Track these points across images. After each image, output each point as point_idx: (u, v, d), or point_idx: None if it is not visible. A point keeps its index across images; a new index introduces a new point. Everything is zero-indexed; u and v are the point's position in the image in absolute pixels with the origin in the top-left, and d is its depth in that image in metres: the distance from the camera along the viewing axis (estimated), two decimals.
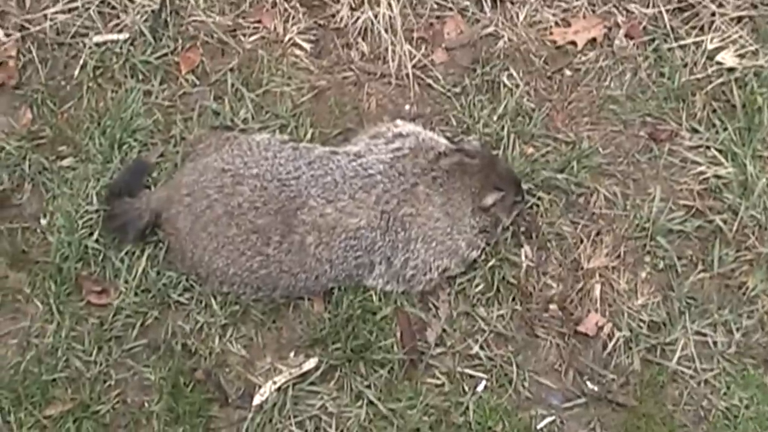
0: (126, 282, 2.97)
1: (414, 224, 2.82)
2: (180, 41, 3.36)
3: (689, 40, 3.35)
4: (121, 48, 3.33)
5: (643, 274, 3.00)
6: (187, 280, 2.93)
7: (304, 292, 2.88)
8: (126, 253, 2.97)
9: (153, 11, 3.34)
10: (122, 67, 3.32)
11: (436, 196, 2.82)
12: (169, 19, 3.37)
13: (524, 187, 3.07)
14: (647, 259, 3.02)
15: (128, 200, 2.96)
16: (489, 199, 2.84)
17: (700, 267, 3.05)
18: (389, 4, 3.30)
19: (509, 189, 2.91)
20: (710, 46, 3.33)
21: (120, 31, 3.37)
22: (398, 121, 3.06)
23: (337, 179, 2.82)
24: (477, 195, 2.87)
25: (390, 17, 3.31)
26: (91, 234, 3.03)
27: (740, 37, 3.35)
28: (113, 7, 3.40)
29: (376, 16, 3.33)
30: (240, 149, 2.89)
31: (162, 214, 2.90)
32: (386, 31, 3.32)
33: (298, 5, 3.36)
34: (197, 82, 3.27)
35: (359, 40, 3.36)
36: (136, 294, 2.96)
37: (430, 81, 3.29)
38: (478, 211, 2.86)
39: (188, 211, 2.82)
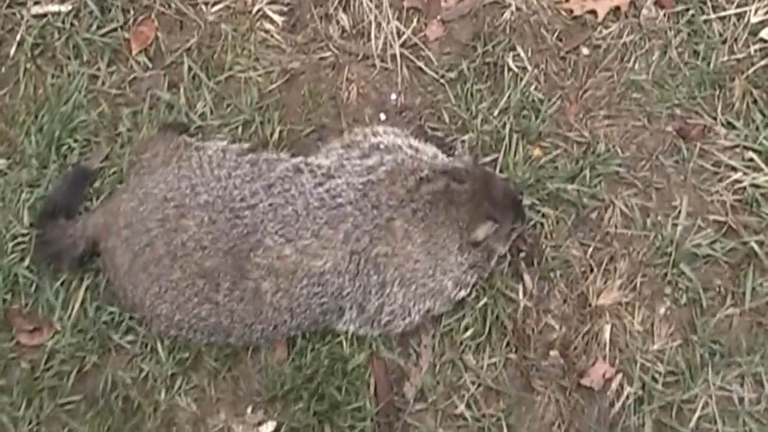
0: (61, 319, 2.50)
1: (390, 265, 2.33)
2: (132, 13, 2.76)
3: (730, 11, 2.71)
4: (63, 22, 2.71)
5: (662, 310, 2.46)
6: (130, 318, 2.42)
7: (263, 341, 2.43)
8: (62, 284, 2.48)
9: None
10: (65, 45, 2.72)
11: (415, 232, 2.33)
12: None
13: (527, 203, 2.45)
14: (668, 290, 2.50)
15: (62, 224, 2.51)
16: (480, 233, 2.34)
17: (729, 300, 2.54)
18: None
19: (506, 216, 2.41)
20: (754, 19, 2.73)
21: (62, 1, 2.63)
22: (378, 128, 2.51)
23: (299, 211, 2.31)
24: (465, 229, 2.36)
25: None
26: (23, 259, 2.45)
27: None
28: None
29: None
30: (188, 168, 2.39)
31: (99, 243, 2.40)
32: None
33: None
34: (150, 65, 2.71)
35: (340, 11, 2.61)
36: (72, 334, 2.49)
37: (421, 64, 2.68)
38: (467, 247, 2.35)
39: (126, 247, 2.35)
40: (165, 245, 2.30)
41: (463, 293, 2.45)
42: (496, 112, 2.67)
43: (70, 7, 2.79)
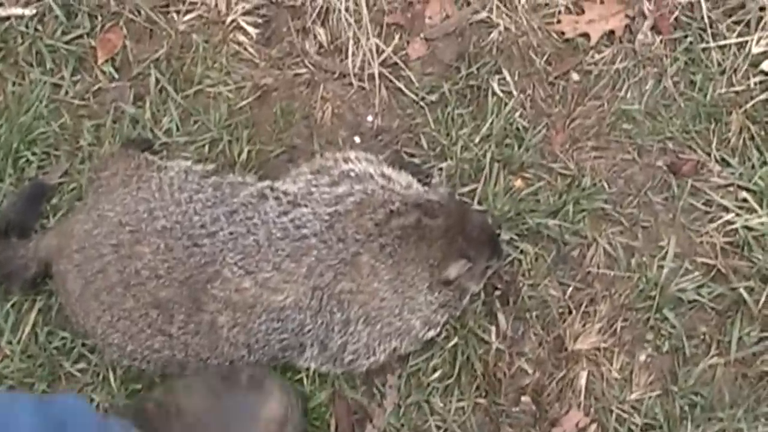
0: (10, 343, 2.38)
1: (354, 303, 2.19)
2: (99, 19, 2.61)
3: (730, 40, 2.55)
4: (27, 26, 2.56)
5: (642, 358, 2.32)
6: (83, 345, 2.29)
7: None
8: (12, 306, 2.35)
9: None
10: (27, 52, 2.58)
11: (383, 269, 2.17)
12: None
13: (505, 237, 2.30)
14: (649, 337, 2.35)
15: (14, 244, 2.37)
16: (452, 272, 2.20)
17: (713, 349, 2.38)
18: None
19: (480, 253, 2.26)
20: (755, 50, 2.56)
21: (26, 5, 2.49)
22: (350, 154, 2.36)
23: (260, 241, 2.16)
24: (437, 267, 2.20)
25: None
26: None
27: None
28: None
29: None
30: (147, 190, 2.25)
31: (52, 265, 2.27)
32: (348, 12, 2.41)
33: None
34: (116, 75, 2.55)
35: (318, 25, 2.46)
36: (21, 360, 2.38)
37: (400, 84, 2.53)
38: (437, 285, 2.20)
39: (78, 272, 2.21)
40: (118, 273, 2.16)
41: (432, 333, 2.30)
42: (477, 139, 2.52)
43: (34, 11, 2.65)
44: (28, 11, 2.65)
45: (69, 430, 1.69)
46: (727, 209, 2.49)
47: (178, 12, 2.66)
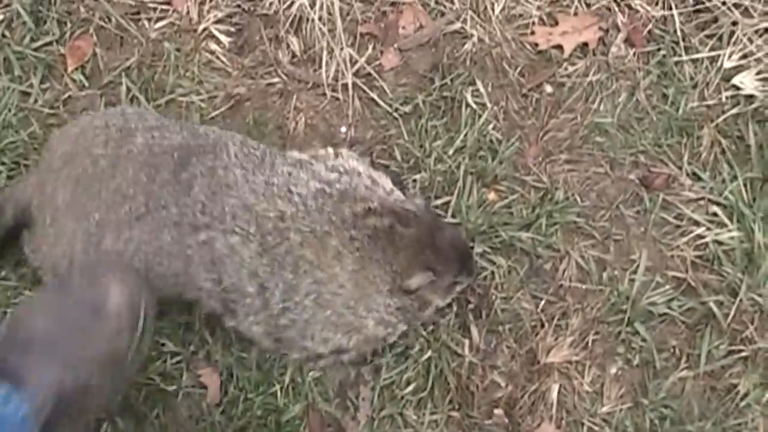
0: None
1: (309, 275, 2.17)
2: (69, 26, 2.56)
3: (703, 54, 2.55)
4: None
5: (614, 371, 2.33)
6: None
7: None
8: None
9: None
10: None
11: (348, 258, 2.17)
12: None
13: (478, 250, 2.33)
14: (620, 350, 2.37)
15: None
16: (413, 282, 2.20)
17: (683, 363, 2.38)
18: None
19: (447, 269, 2.25)
20: (727, 64, 2.55)
21: None
22: (343, 150, 2.39)
23: (266, 157, 2.24)
24: (400, 274, 2.20)
25: (329, 4, 2.39)
26: None
27: (766, 55, 2.43)
28: None
29: (312, 4, 2.39)
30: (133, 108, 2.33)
31: (32, 204, 2.23)
32: (321, 21, 2.39)
33: None
34: (86, 84, 2.48)
35: (291, 34, 2.43)
36: None
37: (374, 95, 2.52)
38: (398, 292, 2.21)
39: (67, 181, 2.18)
40: (110, 159, 2.16)
41: (385, 333, 2.28)
42: (451, 151, 2.51)
43: (1, 17, 2.60)
44: None
45: None
46: (697, 223, 2.51)
47: (149, 19, 2.62)
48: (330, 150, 2.39)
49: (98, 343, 1.92)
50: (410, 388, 2.38)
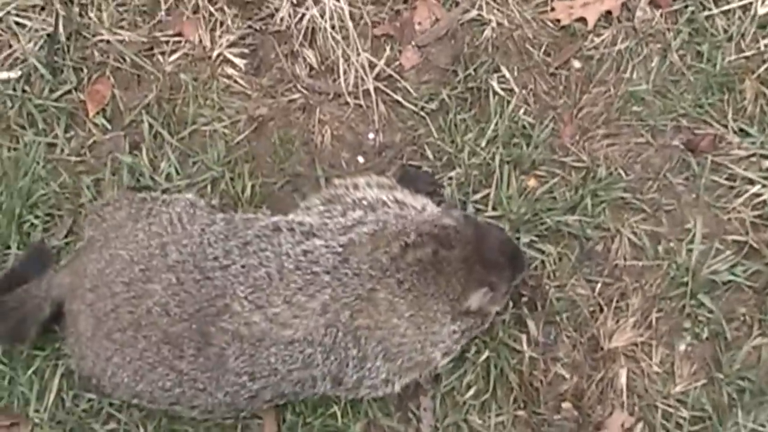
0: (38, 411, 2.34)
1: (372, 339, 2.11)
2: (85, 71, 2.50)
3: (734, 4, 2.48)
4: (14, 89, 2.46)
5: (682, 348, 2.23)
6: (110, 405, 2.24)
7: (233, 411, 2.20)
8: (35, 373, 2.27)
9: (48, 35, 2.41)
10: (18, 114, 2.49)
11: (402, 304, 2.09)
12: (68, 42, 2.40)
13: (525, 240, 2.27)
14: (687, 325, 2.26)
15: (25, 288, 2.29)
16: (474, 302, 2.13)
17: (756, 330, 2.26)
18: None
19: (502, 277, 2.17)
20: (761, 11, 2.49)
21: (11, 67, 2.43)
22: (359, 180, 2.31)
23: (272, 274, 2.09)
24: (457, 299, 2.12)
25: (339, 11, 2.31)
26: None
27: None
28: None
29: (322, 14, 2.31)
30: (159, 225, 2.21)
31: (64, 304, 2.23)
32: (335, 29, 2.32)
33: (225, 6, 2.45)
34: (109, 127, 2.46)
35: (305, 47, 2.36)
36: (51, 426, 2.34)
37: (398, 96, 2.44)
38: (459, 316, 2.13)
39: (90, 312, 2.16)
40: (130, 312, 2.12)
41: (448, 359, 2.22)
42: (483, 143, 2.42)
43: (19, 73, 2.58)
44: (14, 74, 2.58)
45: None
46: (752, 182, 2.39)
47: (163, 53, 2.58)
48: (347, 182, 2.32)
49: None
50: (471, 392, 2.30)
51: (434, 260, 2.10)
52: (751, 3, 2.48)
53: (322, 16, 2.51)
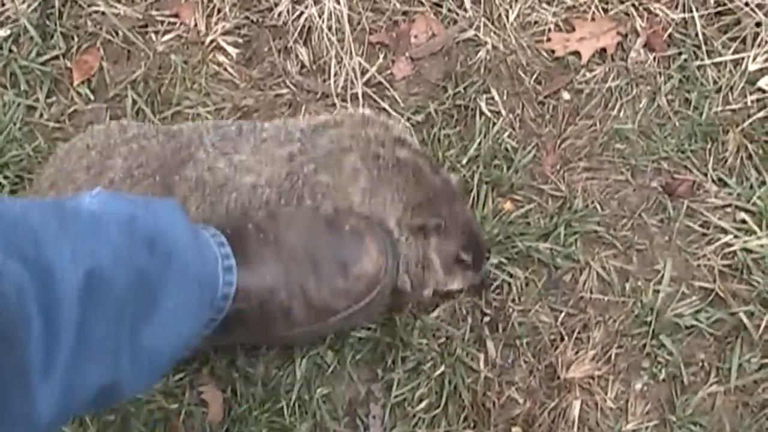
0: None
1: (326, 198, 2.05)
2: (76, 40, 2.46)
3: (726, 57, 2.41)
4: (1, 47, 2.38)
5: (639, 386, 2.16)
6: None
7: None
8: None
9: None
10: (2, 73, 2.44)
11: (365, 176, 2.06)
12: (62, 8, 2.35)
13: (494, 261, 2.20)
14: (645, 364, 2.20)
15: None
16: (419, 222, 2.08)
17: (713, 377, 2.23)
18: None
19: (456, 234, 2.14)
20: (752, 67, 2.43)
21: (1, 25, 2.41)
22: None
23: (244, 126, 2.12)
24: (410, 210, 2.09)
25: (338, 14, 2.28)
26: None
27: None
28: None
29: (320, 14, 2.28)
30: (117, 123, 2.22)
31: None
32: (331, 31, 2.29)
33: None
34: (92, 97, 2.40)
35: (300, 44, 2.33)
36: None
37: (385, 105, 2.38)
38: (404, 227, 2.09)
39: None
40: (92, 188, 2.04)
41: None
42: (464, 160, 2.39)
43: (8, 32, 2.53)
44: (2, 32, 2.55)
45: (158, 248, 1.59)
46: (725, 231, 2.36)
47: (156, 32, 2.55)
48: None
49: (324, 290, 1.93)
50: (423, 405, 2.24)
51: (416, 169, 2.10)
52: (742, 59, 2.48)
53: (320, 16, 2.49)
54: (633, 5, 2.55)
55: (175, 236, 1.68)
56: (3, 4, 2.56)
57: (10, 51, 2.54)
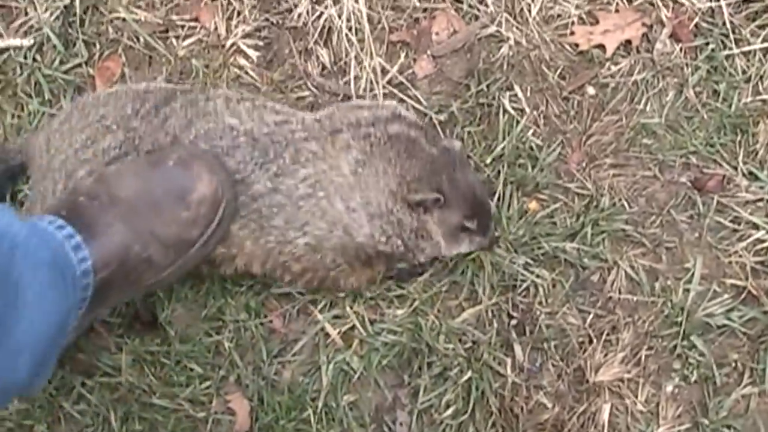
0: None
1: (311, 164, 2.03)
2: (97, 47, 2.46)
3: (755, 45, 2.35)
4: (25, 57, 2.40)
5: (670, 388, 2.11)
6: (83, 384, 2.07)
7: None
8: None
9: (65, 6, 2.36)
10: (26, 82, 2.44)
11: (356, 149, 2.03)
12: (84, 16, 2.32)
13: (520, 261, 2.19)
14: (676, 366, 2.15)
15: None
16: (417, 195, 2.03)
17: (746, 378, 2.16)
18: None
19: (459, 204, 2.08)
20: None
21: (25, 35, 2.35)
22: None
23: (255, 97, 2.22)
24: (407, 183, 2.04)
25: (357, 14, 2.22)
26: None
27: None
28: (16, 0, 2.54)
29: (340, 14, 2.22)
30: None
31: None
32: (351, 31, 2.23)
33: None
34: None
35: (320, 45, 2.28)
36: (19, 400, 2.26)
37: (408, 104, 2.26)
38: (400, 200, 2.04)
39: (64, 110, 2.29)
40: (107, 92, 2.25)
41: (374, 241, 2.07)
42: (488, 160, 2.33)
43: (32, 42, 2.50)
44: (26, 42, 2.51)
45: (1, 247, 1.62)
46: (756, 226, 2.30)
47: (177, 37, 2.50)
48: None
49: (172, 226, 1.93)
50: (450, 411, 2.22)
51: (411, 142, 2.06)
52: None
53: (339, 17, 2.43)
54: None
55: (13, 233, 1.68)
56: (26, 14, 2.53)
57: (34, 60, 2.51)
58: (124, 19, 2.52)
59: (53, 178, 2.13)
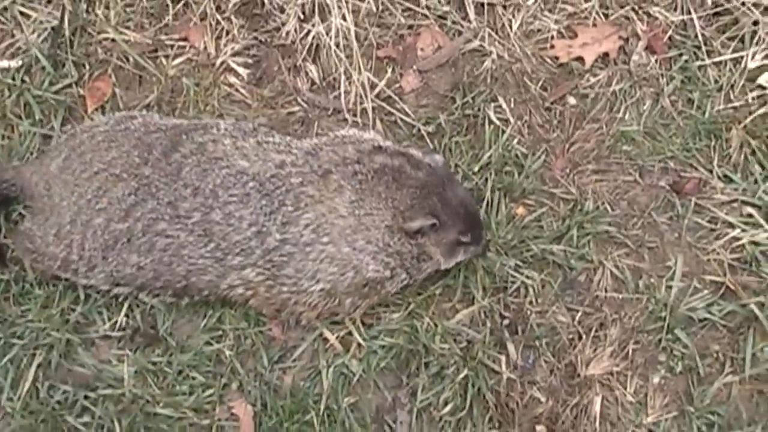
0: (11, 400, 2.46)
1: (310, 208, 2.31)
2: (87, 67, 2.67)
3: (726, 56, 2.65)
4: (13, 78, 2.60)
5: (656, 380, 2.40)
6: (85, 398, 2.33)
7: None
8: (11, 362, 2.41)
9: (53, 28, 2.56)
10: (15, 104, 2.64)
11: (349, 189, 2.30)
12: (72, 37, 2.57)
13: (510, 264, 2.44)
14: (662, 358, 2.44)
15: None
16: (414, 224, 2.30)
17: (728, 367, 2.47)
18: (344, 15, 2.67)
19: (453, 222, 2.35)
20: (751, 65, 2.67)
21: (12, 56, 2.58)
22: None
23: (257, 128, 2.51)
24: (401, 213, 2.30)
25: (345, 31, 2.51)
26: None
27: None
28: (3, 23, 2.75)
29: (327, 31, 2.51)
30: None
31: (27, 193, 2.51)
32: (339, 48, 2.51)
33: (233, 17, 2.60)
34: None
35: (309, 62, 2.55)
36: (23, 416, 2.45)
37: (396, 117, 2.58)
38: (398, 232, 2.31)
39: (63, 148, 2.49)
40: (107, 135, 2.46)
41: (381, 276, 2.36)
42: (476, 168, 2.62)
43: (20, 63, 2.73)
44: (14, 63, 2.73)
45: None
46: (732, 225, 2.59)
47: (167, 57, 2.75)
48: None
49: None
50: (448, 408, 2.45)
51: (396, 170, 2.32)
52: (741, 57, 2.71)
53: (327, 34, 2.70)
54: (633, 9, 2.78)
55: None
56: (13, 36, 2.76)
57: (23, 81, 2.74)
58: (113, 40, 2.76)
59: (69, 230, 2.40)
